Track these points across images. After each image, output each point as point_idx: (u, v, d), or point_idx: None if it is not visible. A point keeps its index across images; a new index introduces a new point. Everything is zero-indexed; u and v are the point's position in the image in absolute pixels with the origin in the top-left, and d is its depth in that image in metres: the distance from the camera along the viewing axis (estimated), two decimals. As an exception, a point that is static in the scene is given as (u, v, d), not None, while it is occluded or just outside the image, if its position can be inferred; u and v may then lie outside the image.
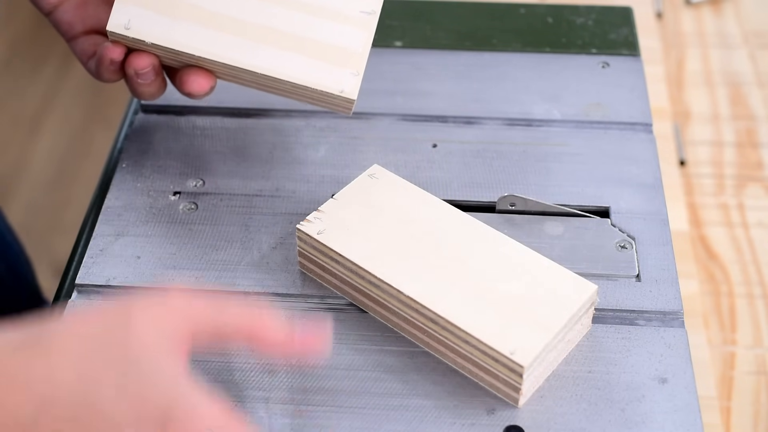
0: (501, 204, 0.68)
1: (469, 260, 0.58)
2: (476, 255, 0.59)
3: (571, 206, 0.68)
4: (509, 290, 0.57)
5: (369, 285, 0.59)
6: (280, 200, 0.68)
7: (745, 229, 0.90)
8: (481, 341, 0.55)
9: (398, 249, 0.59)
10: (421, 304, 0.56)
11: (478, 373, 0.56)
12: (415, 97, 0.77)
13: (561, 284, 0.57)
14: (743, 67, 1.05)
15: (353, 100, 0.60)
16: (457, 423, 0.56)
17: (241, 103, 0.76)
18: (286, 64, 0.59)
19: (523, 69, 0.79)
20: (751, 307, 0.84)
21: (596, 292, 0.58)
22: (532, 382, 0.56)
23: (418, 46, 0.82)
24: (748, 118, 1.00)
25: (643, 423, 0.56)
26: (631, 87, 0.77)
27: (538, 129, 0.74)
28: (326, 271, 0.61)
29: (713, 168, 0.95)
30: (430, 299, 0.56)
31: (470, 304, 0.56)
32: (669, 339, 0.60)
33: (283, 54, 0.59)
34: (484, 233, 0.60)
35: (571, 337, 0.58)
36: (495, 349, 0.54)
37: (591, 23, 0.84)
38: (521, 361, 0.53)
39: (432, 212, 0.61)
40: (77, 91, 1.95)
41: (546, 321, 0.55)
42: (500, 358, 0.54)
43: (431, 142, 0.73)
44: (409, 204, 0.62)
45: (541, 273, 0.58)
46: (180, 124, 0.74)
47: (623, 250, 0.65)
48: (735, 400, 0.78)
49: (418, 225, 0.60)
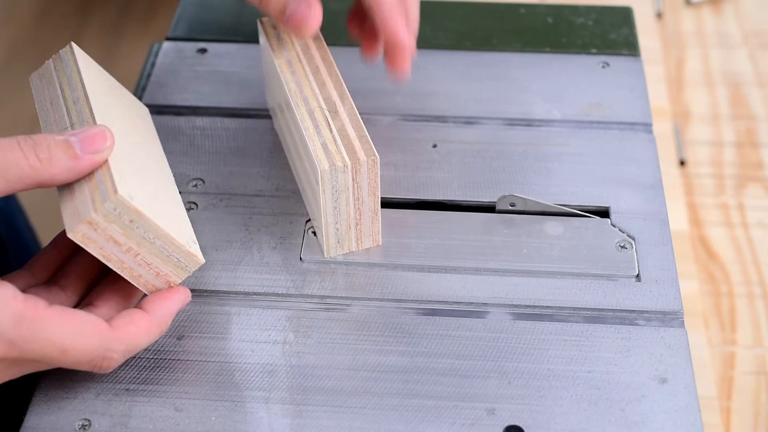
0: (501, 204, 0.68)
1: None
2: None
3: (571, 206, 0.68)
4: None
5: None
6: (280, 200, 0.68)
7: (745, 229, 0.90)
8: None
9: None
10: None
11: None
12: (415, 97, 0.77)
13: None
14: (743, 67, 1.05)
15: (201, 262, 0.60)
16: (457, 423, 0.56)
17: (241, 103, 0.76)
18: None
19: (523, 69, 0.79)
20: (751, 307, 0.84)
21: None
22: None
23: (418, 46, 0.82)
24: (748, 118, 1.00)
25: (643, 423, 0.56)
26: (631, 87, 0.78)
27: (538, 129, 0.74)
28: None
29: (713, 168, 0.95)
30: None
31: None
32: (669, 339, 0.60)
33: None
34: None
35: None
36: None
37: (591, 23, 0.84)
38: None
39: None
40: (77, 91, 1.95)
41: None
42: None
43: (431, 142, 0.73)
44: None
45: None
46: (180, 124, 0.74)
47: (623, 250, 0.65)
48: (735, 400, 0.78)
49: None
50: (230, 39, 0.81)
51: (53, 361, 0.52)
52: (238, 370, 0.58)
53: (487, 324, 0.61)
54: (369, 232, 0.64)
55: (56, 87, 0.60)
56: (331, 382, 0.58)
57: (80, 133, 0.54)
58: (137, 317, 0.55)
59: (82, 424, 0.56)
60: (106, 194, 0.53)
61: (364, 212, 0.63)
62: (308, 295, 0.62)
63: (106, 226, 0.53)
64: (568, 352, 0.59)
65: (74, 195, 0.54)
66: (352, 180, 0.60)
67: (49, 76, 0.61)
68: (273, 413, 0.56)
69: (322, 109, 0.63)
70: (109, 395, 0.57)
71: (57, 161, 0.53)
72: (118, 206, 0.53)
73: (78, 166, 0.53)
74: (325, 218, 0.62)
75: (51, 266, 0.59)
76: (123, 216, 0.53)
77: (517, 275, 0.63)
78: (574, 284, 0.63)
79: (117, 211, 0.53)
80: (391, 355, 0.59)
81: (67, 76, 0.60)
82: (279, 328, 0.60)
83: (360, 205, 0.62)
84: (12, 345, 0.50)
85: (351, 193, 0.61)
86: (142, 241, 0.55)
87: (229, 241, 0.66)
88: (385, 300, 0.62)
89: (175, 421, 0.56)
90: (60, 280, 0.58)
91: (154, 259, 0.56)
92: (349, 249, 0.64)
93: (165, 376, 0.58)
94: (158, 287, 0.57)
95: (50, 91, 0.60)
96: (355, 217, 0.62)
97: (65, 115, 0.58)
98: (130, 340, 0.54)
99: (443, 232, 0.66)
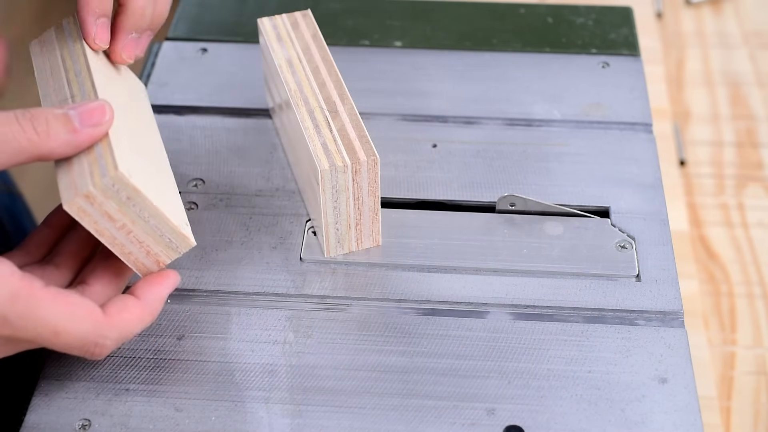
0: (501, 204, 0.68)
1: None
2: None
3: (571, 206, 0.68)
4: None
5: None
6: (280, 200, 0.68)
7: (745, 229, 0.90)
8: None
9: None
10: None
11: None
12: (415, 97, 0.77)
13: None
14: (743, 67, 1.05)
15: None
16: (457, 423, 0.56)
17: (241, 103, 0.76)
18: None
19: (523, 69, 0.79)
20: (751, 307, 0.84)
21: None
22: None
23: (418, 46, 0.82)
24: (748, 118, 1.00)
25: (643, 423, 0.56)
26: (631, 87, 0.78)
27: (538, 129, 0.74)
28: None
29: (713, 168, 0.95)
30: None
31: None
32: (669, 339, 0.60)
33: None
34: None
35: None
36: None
37: (591, 23, 0.84)
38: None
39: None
40: (77, 91, 1.95)
41: None
42: None
43: (431, 142, 0.73)
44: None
45: None
46: (180, 124, 0.74)
47: (623, 250, 0.65)
48: (735, 400, 0.78)
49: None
50: (230, 39, 0.81)
51: (46, 341, 0.52)
52: (238, 370, 0.58)
53: (487, 324, 0.61)
54: (369, 232, 0.64)
55: (57, 57, 0.60)
56: (331, 382, 0.58)
57: (79, 107, 0.54)
58: (130, 304, 0.55)
59: (82, 424, 0.56)
60: (105, 169, 0.53)
61: (365, 212, 0.63)
62: (308, 295, 0.62)
63: (102, 201, 0.53)
64: (568, 352, 0.59)
65: (72, 168, 0.54)
66: (352, 180, 0.60)
67: (50, 44, 0.61)
68: (273, 413, 0.56)
69: (322, 109, 0.63)
70: (109, 395, 0.57)
71: (55, 134, 0.53)
72: (116, 182, 0.53)
73: (77, 140, 0.53)
74: (325, 218, 0.62)
75: (45, 245, 0.59)
76: (121, 192, 0.53)
77: (517, 275, 0.63)
78: (574, 284, 0.63)
79: (115, 187, 0.53)
80: (391, 355, 0.59)
81: (69, 47, 0.60)
82: (279, 328, 0.60)
83: (360, 205, 0.62)
84: (6, 322, 0.51)
85: (351, 193, 0.61)
86: (137, 219, 0.55)
87: (229, 241, 0.66)
88: (385, 300, 0.62)
89: (175, 421, 0.56)
90: (54, 258, 0.58)
91: (147, 237, 0.56)
92: (349, 249, 0.64)
93: (165, 376, 0.58)
94: (147, 266, 0.57)
95: (51, 60, 0.60)
96: (355, 217, 0.62)
97: (65, 86, 0.58)
98: (124, 326, 0.54)
99: (443, 232, 0.66)
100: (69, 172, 0.54)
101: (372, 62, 0.80)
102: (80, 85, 0.57)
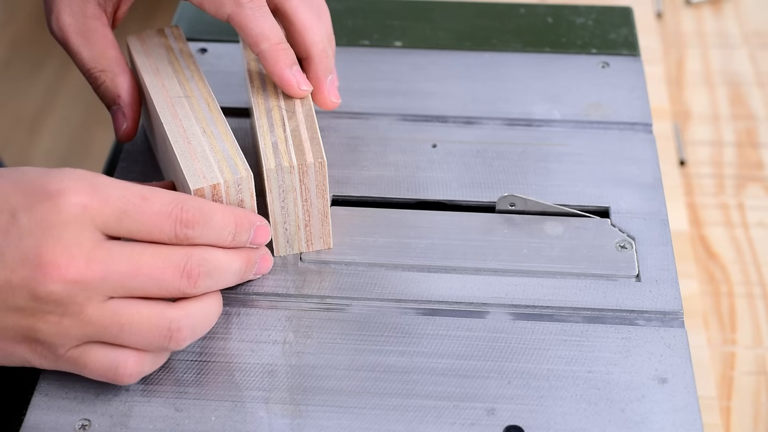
0: (501, 204, 0.68)
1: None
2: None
3: (571, 206, 0.68)
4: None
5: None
6: (280, 200, 0.68)
7: (745, 229, 0.90)
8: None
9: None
10: None
11: None
12: (415, 97, 0.77)
13: None
14: (743, 67, 1.05)
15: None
16: (457, 423, 0.56)
17: (241, 103, 0.76)
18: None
19: (523, 69, 0.79)
20: (751, 307, 0.84)
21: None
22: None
23: (418, 46, 0.82)
24: (748, 118, 1.00)
25: (643, 423, 0.56)
26: (631, 87, 0.78)
27: (538, 129, 0.74)
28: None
29: (713, 168, 0.95)
30: None
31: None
32: (669, 339, 0.60)
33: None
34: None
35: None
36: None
37: (591, 23, 0.84)
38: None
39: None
40: (77, 91, 1.95)
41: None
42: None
43: (431, 142, 0.73)
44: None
45: None
46: (180, 124, 0.74)
47: (623, 250, 0.65)
48: (735, 400, 0.78)
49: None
50: (230, 39, 0.81)
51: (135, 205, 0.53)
52: (238, 370, 0.58)
53: (487, 324, 0.61)
54: (319, 234, 0.64)
55: (164, 58, 0.65)
56: (331, 382, 0.58)
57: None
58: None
59: (82, 424, 0.56)
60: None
61: (314, 214, 0.63)
62: (308, 295, 0.62)
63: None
64: (568, 352, 0.59)
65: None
66: (300, 181, 0.60)
67: (153, 44, 0.66)
68: (273, 413, 0.56)
69: (280, 108, 0.63)
70: (109, 395, 0.57)
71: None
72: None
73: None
74: (273, 217, 0.62)
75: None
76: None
77: (517, 275, 0.63)
78: (574, 284, 0.63)
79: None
80: (390, 355, 0.59)
81: (175, 52, 0.66)
82: (279, 328, 0.61)
83: (309, 206, 0.62)
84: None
85: (299, 194, 0.61)
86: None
87: (229, 241, 0.66)
88: (385, 300, 0.62)
89: (175, 421, 0.56)
90: None
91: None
92: (299, 249, 0.64)
93: (165, 376, 0.58)
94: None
95: (156, 58, 0.66)
96: (304, 218, 0.63)
97: (177, 85, 0.64)
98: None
99: (443, 232, 0.66)
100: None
101: (372, 62, 0.80)
102: (193, 89, 0.64)
